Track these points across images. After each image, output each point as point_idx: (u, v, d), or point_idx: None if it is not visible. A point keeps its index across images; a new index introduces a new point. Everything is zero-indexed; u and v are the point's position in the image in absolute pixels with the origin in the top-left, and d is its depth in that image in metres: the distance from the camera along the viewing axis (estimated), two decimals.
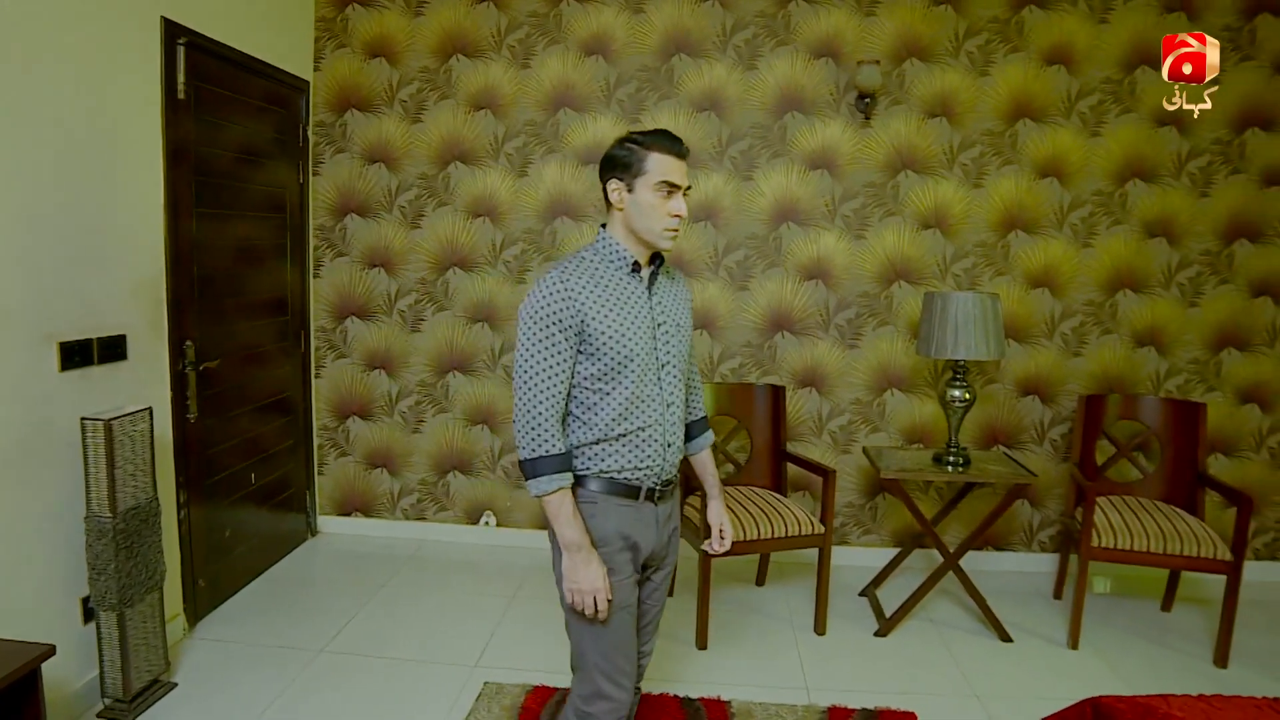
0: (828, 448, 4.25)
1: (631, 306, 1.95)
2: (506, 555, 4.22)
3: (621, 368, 1.92)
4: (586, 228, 4.14)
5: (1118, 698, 2.18)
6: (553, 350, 1.88)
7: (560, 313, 1.87)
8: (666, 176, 1.91)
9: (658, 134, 1.95)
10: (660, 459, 2.01)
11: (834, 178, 4.10)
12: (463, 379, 4.27)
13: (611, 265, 1.97)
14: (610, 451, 1.95)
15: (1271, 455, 4.18)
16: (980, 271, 4.13)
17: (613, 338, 1.90)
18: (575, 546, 1.90)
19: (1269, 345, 4.13)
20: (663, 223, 1.93)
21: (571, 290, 1.88)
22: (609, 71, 4.06)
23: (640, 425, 1.96)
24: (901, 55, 4.01)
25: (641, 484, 1.99)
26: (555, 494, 1.90)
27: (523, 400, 1.91)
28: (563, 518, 1.90)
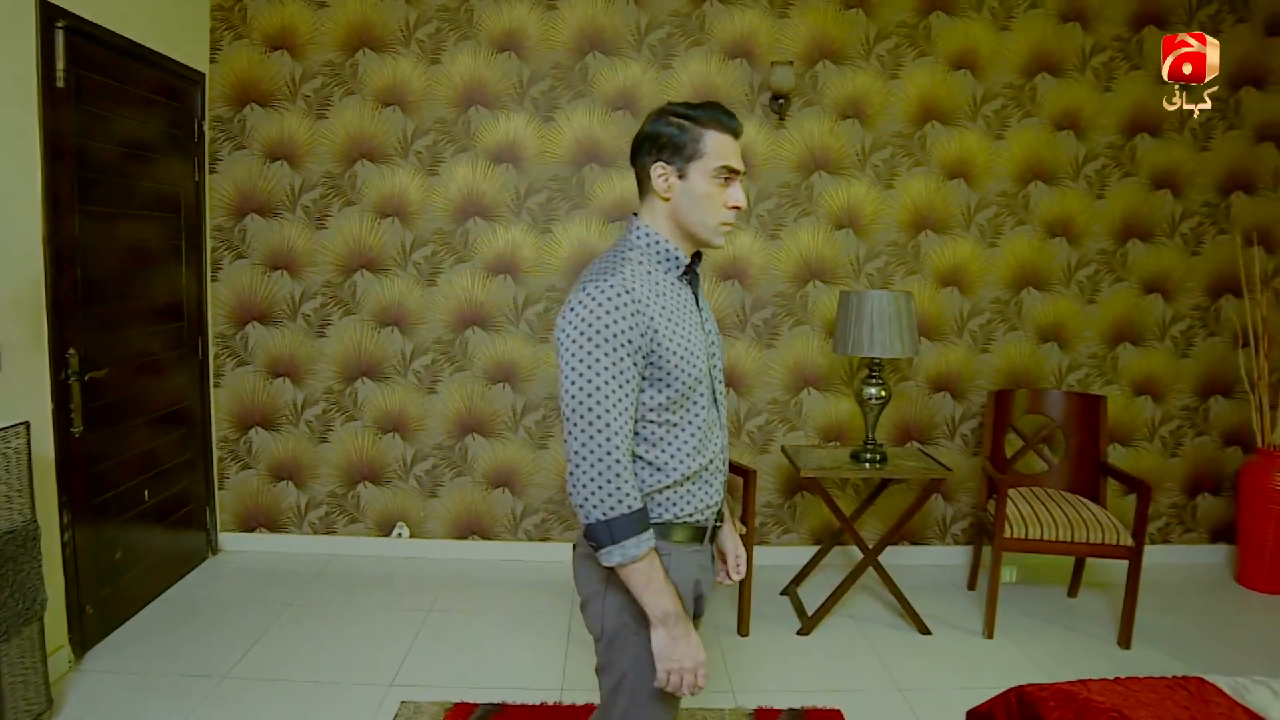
0: (746, 448, 4.25)
1: (688, 318, 1.64)
2: (421, 567, 4.08)
3: (691, 392, 1.62)
4: (500, 228, 4.04)
5: (1040, 686, 2.22)
6: (622, 377, 1.51)
7: (631, 330, 1.51)
8: (726, 160, 1.61)
9: (711, 108, 1.63)
10: (722, 491, 1.76)
11: (749, 178, 4.10)
12: (372, 385, 4.11)
13: (661, 267, 1.65)
14: (684, 494, 1.65)
15: (1164, 444, 4.38)
16: (892, 271, 4.21)
17: (683, 357, 1.58)
18: (675, 617, 1.55)
19: (1160, 340, 4.32)
20: (719, 215, 1.63)
21: (638, 298, 1.53)
22: (522, 68, 3.98)
23: (710, 458, 1.68)
24: (814, 57, 4.05)
25: (708, 523, 1.72)
26: (645, 559, 1.53)
27: (591, 445, 1.50)
28: (655, 585, 1.54)
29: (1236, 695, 2.17)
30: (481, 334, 4.10)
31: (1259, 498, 4.06)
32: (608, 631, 1.67)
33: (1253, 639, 3.70)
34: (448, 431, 4.15)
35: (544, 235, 4.06)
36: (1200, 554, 4.45)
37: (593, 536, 1.54)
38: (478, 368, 4.12)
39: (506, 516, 4.21)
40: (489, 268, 4.07)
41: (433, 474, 4.17)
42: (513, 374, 4.13)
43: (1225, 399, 4.38)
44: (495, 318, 4.10)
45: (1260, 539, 4.08)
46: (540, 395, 4.14)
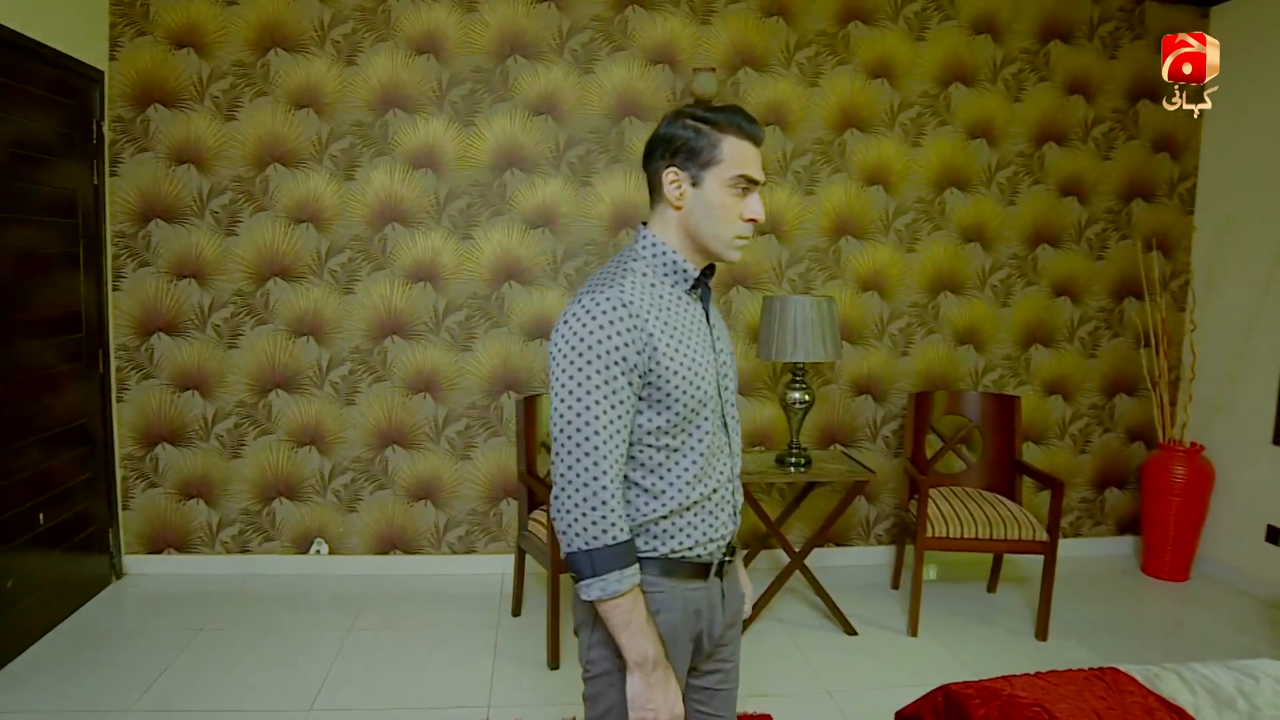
0: None
1: (696, 336, 1.53)
2: (341, 584, 3.94)
3: (695, 416, 1.49)
4: (420, 235, 3.94)
5: (965, 684, 2.27)
6: (615, 398, 1.40)
7: (626, 347, 1.40)
8: (745, 169, 1.48)
9: (730, 112, 1.50)
10: (730, 524, 1.60)
11: None
12: (287, 398, 3.96)
13: (668, 280, 1.53)
14: (682, 525, 1.51)
15: (1074, 442, 4.54)
16: (814, 276, 4.26)
17: (685, 378, 1.46)
18: (653, 662, 1.43)
19: (1069, 341, 4.48)
20: (734, 228, 1.51)
21: (636, 313, 1.42)
22: (441, 71, 3.89)
23: (714, 487, 1.55)
24: (736, 64, 4.07)
25: (713, 559, 1.57)
26: (626, 596, 1.41)
27: (577, 468, 1.39)
28: (635, 625, 1.42)
29: (1149, 684, 2.26)
30: (401, 343, 3.99)
31: (1161, 490, 4.24)
32: (593, 667, 1.56)
33: (1158, 626, 3.87)
34: (367, 444, 4.03)
35: (465, 242, 3.98)
36: (1108, 546, 4.63)
37: (573, 566, 1.43)
38: (398, 378, 4.01)
39: (429, 530, 4.11)
40: (408, 275, 3.97)
41: (352, 488, 4.04)
42: (434, 384, 4.03)
43: (1129, 397, 4.56)
44: (415, 326, 4.00)
45: (1162, 530, 4.26)
46: (462, 405, 4.05)
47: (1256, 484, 4.13)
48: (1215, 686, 2.27)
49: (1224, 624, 3.82)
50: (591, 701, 1.59)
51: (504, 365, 4.07)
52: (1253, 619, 3.87)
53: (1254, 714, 2.14)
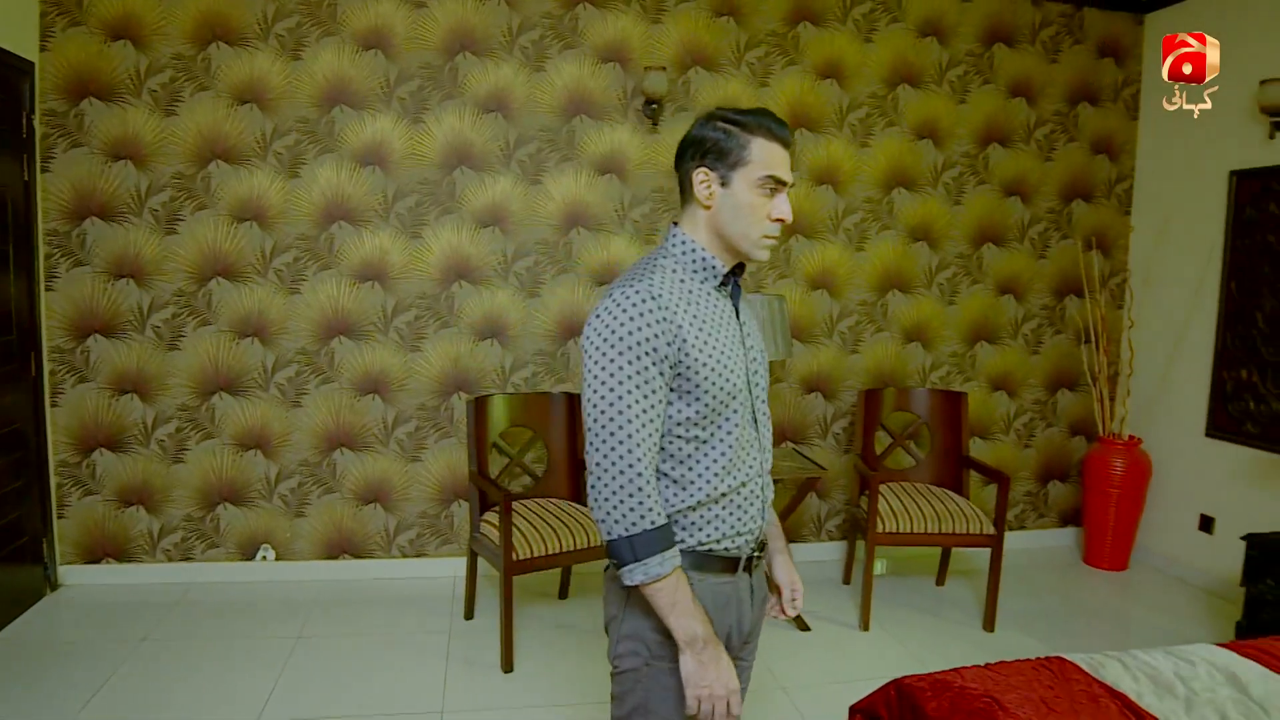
0: None
1: (725, 330, 1.56)
2: (289, 590, 3.85)
3: (723, 409, 1.53)
4: (367, 233, 3.87)
5: (918, 677, 2.29)
6: (647, 387, 1.45)
7: (656, 338, 1.44)
8: (773, 170, 1.51)
9: (760, 114, 1.54)
10: (760, 519, 1.63)
11: (623, 182, 4.09)
12: (231, 400, 3.86)
13: (697, 277, 1.56)
14: (710, 518, 1.55)
15: (1018, 436, 4.65)
16: (765, 274, 4.28)
17: (715, 370, 1.49)
18: (703, 640, 1.46)
19: (1013, 338, 4.58)
20: (762, 228, 1.54)
21: (666, 305, 1.46)
22: (389, 67, 3.83)
23: (743, 480, 1.57)
24: (687, 63, 4.08)
25: (741, 553, 1.60)
26: (670, 578, 1.45)
27: (613, 457, 1.44)
28: (682, 606, 1.46)
29: (1093, 672, 2.32)
30: (349, 343, 3.92)
31: (1101, 483, 4.36)
32: (621, 662, 1.59)
33: (1099, 614, 3.98)
34: (314, 447, 3.95)
35: (414, 240, 3.92)
36: (1051, 537, 4.75)
37: (614, 554, 1.46)
38: (345, 379, 3.94)
39: (379, 533, 4.05)
40: (356, 274, 3.90)
41: (299, 492, 3.96)
42: (383, 384, 3.97)
43: (1071, 392, 4.68)
44: (363, 326, 3.93)
45: (1103, 521, 4.39)
46: (412, 406, 4.00)
47: (1190, 475, 4.27)
48: (1156, 672, 2.34)
49: (1161, 611, 3.94)
50: (618, 700, 1.61)
51: (454, 366, 4.02)
52: (1188, 605, 4.00)
53: (1191, 697, 2.21)
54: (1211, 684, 2.29)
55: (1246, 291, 3.98)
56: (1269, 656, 2.44)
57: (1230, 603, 3.88)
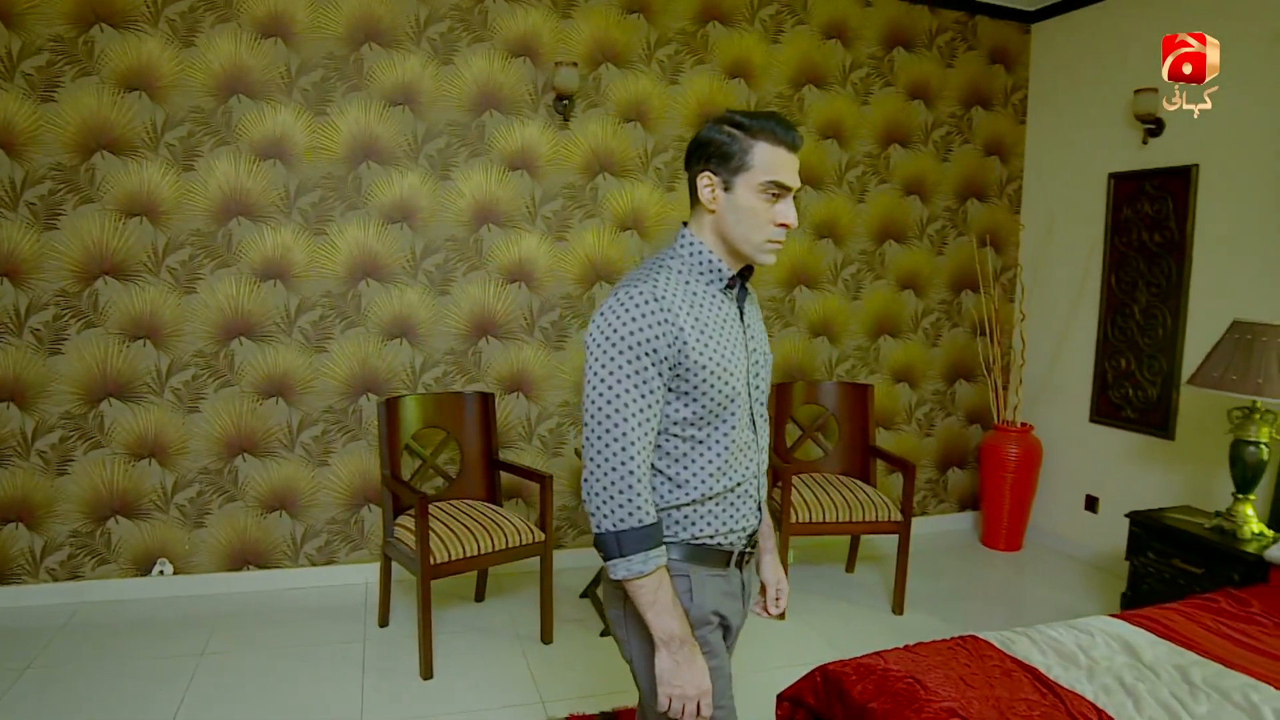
0: (539, 452, 4.21)
1: (728, 333, 1.57)
2: (190, 606, 3.66)
3: (722, 411, 1.55)
4: (269, 230, 3.71)
5: (841, 662, 2.37)
6: (645, 386, 1.47)
7: (656, 338, 1.46)
8: (775, 175, 1.50)
9: (766, 118, 1.52)
10: (754, 517, 1.66)
11: (534, 179, 4.05)
12: (121, 407, 3.63)
13: (703, 279, 1.57)
14: (704, 513, 1.58)
15: (919, 426, 4.83)
16: None
17: (714, 372, 1.51)
18: (679, 640, 1.49)
19: (913, 332, 4.76)
20: (765, 233, 1.53)
21: (669, 308, 1.47)
22: (290, 56, 3.67)
23: (738, 481, 1.61)
24: (597, 59, 4.06)
25: (734, 548, 1.63)
26: (652, 575, 1.48)
27: (606, 454, 1.47)
28: (661, 604, 1.49)
29: (1005, 648, 2.44)
30: (250, 345, 3.75)
31: (996, 468, 4.58)
32: (627, 647, 1.64)
33: (999, 593, 4.19)
34: (214, 453, 3.76)
35: (318, 237, 3.78)
36: (951, 522, 4.96)
37: (601, 546, 1.49)
38: (247, 382, 3.76)
39: (285, 542, 3.89)
40: (256, 272, 3.72)
41: (198, 501, 3.76)
42: (287, 387, 3.81)
43: (968, 382, 4.90)
44: (265, 327, 3.76)
45: (998, 504, 4.61)
46: (318, 408, 3.85)
47: (1076, 458, 4.53)
48: (1060, 645, 2.49)
49: (1054, 587, 4.17)
50: (641, 677, 1.64)
51: (362, 366, 3.90)
52: (1078, 581, 4.25)
53: (1092, 666, 2.37)
54: (1109, 652, 2.46)
55: (1124, 286, 4.25)
56: (1155, 623, 2.64)
57: (1115, 576, 4.14)
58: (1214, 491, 3.76)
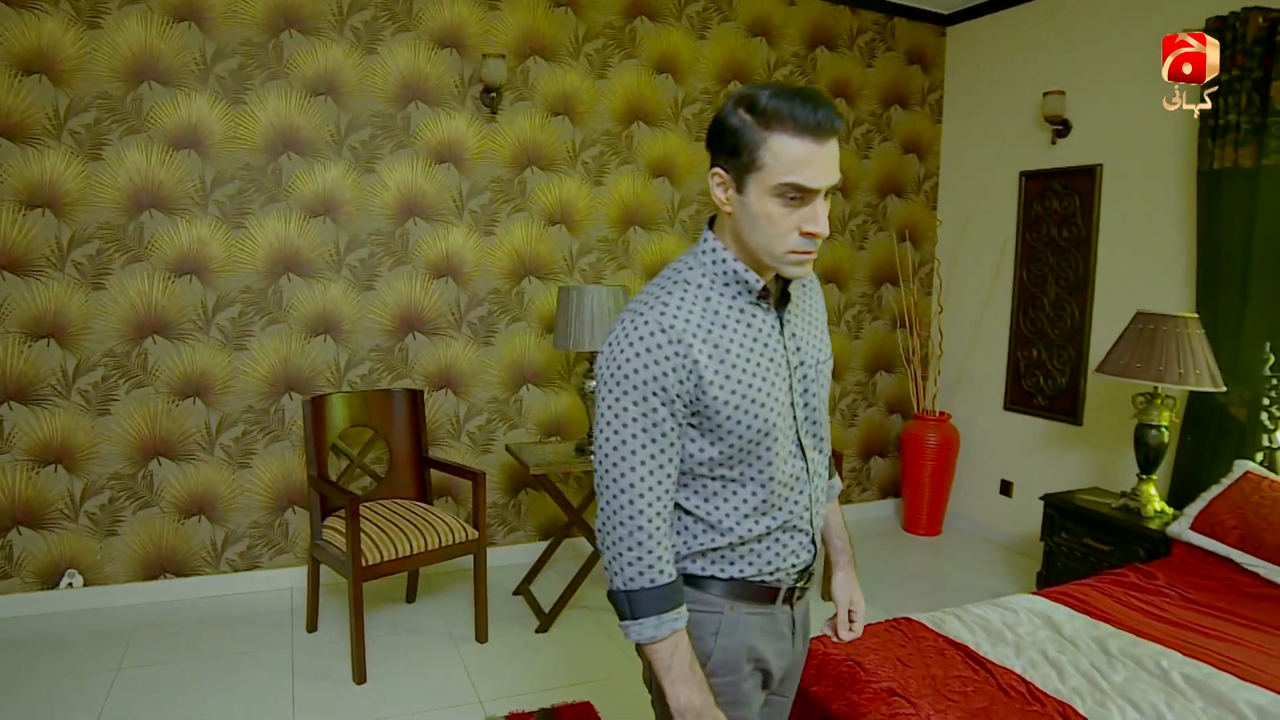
0: (468, 449, 4.15)
1: (762, 351, 1.32)
2: (103, 619, 3.48)
3: (755, 447, 1.32)
4: (184, 223, 3.55)
5: None
6: (656, 431, 1.27)
7: (665, 376, 1.25)
8: (793, 176, 1.20)
9: (788, 97, 1.20)
10: (809, 552, 1.44)
11: (461, 172, 3.99)
12: (24, 410, 3.42)
13: (729, 291, 1.32)
14: (745, 554, 1.37)
15: (843, 416, 4.96)
16: (604, 266, 4.32)
17: (740, 407, 1.29)
18: (696, 712, 1.29)
19: (837, 324, 4.87)
20: (786, 243, 1.25)
21: (679, 338, 1.26)
22: (204, 42, 3.51)
23: (786, 519, 1.38)
24: (525, 52, 4.02)
25: (781, 584, 1.42)
26: (666, 641, 1.30)
27: (614, 505, 1.29)
28: (677, 671, 1.29)
29: (937, 628, 2.54)
30: (164, 343, 3.58)
31: (916, 456, 4.74)
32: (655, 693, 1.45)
33: (921, 576, 4.34)
34: (127, 458, 3.58)
35: (236, 231, 3.64)
36: (875, 509, 5.11)
37: (614, 604, 1.33)
38: (161, 382, 3.59)
39: (205, 548, 3.73)
40: (171, 268, 3.56)
41: (110, 509, 3.58)
42: (205, 387, 3.66)
43: (888, 374, 5.05)
44: (180, 324, 3.60)
45: (918, 491, 4.77)
46: (239, 408, 3.71)
47: (992, 445, 4.72)
48: (988, 623, 2.59)
49: (975, 569, 4.34)
50: None
51: (284, 364, 3.77)
52: (996, 562, 4.43)
53: (1019, 641, 2.49)
54: (1033, 628, 2.58)
55: (1035, 279, 4.45)
56: (1072, 599, 2.78)
57: (1030, 556, 4.33)
58: (1119, 473, 3.97)
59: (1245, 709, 2.09)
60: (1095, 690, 2.21)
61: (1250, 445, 3.38)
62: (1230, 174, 3.43)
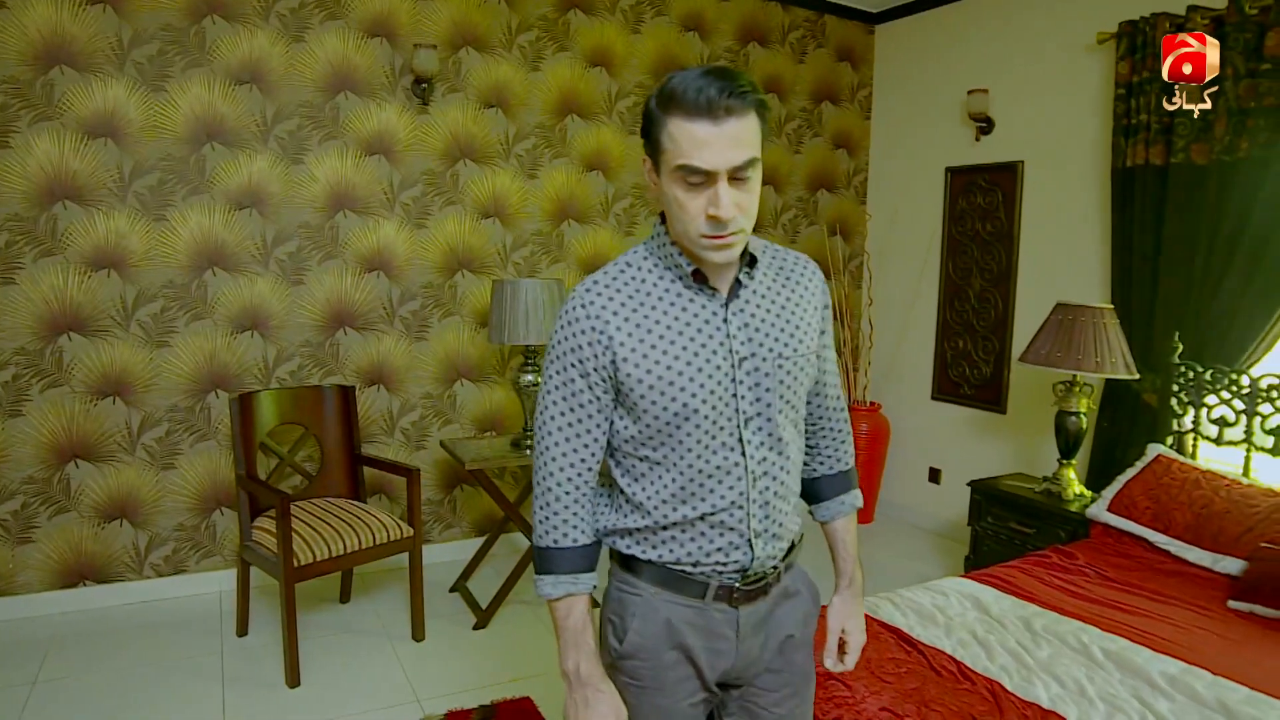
0: (402, 446, 4.09)
1: (694, 336, 1.31)
2: (17, 630, 3.31)
3: (674, 431, 1.31)
4: (100, 215, 3.41)
5: None
6: (573, 401, 1.33)
7: (581, 349, 1.30)
8: (685, 159, 1.19)
9: (686, 81, 1.19)
10: (743, 553, 1.36)
11: (392, 164, 3.92)
12: None
13: (667, 275, 1.33)
14: (666, 539, 1.36)
15: None
16: (538, 259, 4.29)
17: (655, 387, 1.29)
18: (579, 679, 1.35)
19: None
20: (697, 227, 1.23)
21: (597, 314, 1.30)
22: (120, 26, 3.37)
23: (706, 512, 1.34)
24: (458, 43, 3.97)
25: (709, 581, 1.37)
26: (559, 602, 1.36)
27: (537, 469, 1.37)
28: (567, 635, 1.36)
29: (871, 612, 2.61)
30: (81, 340, 3.44)
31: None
32: None
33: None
34: (41, 461, 3.42)
35: (157, 223, 3.51)
36: None
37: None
38: (78, 381, 3.45)
39: (127, 553, 3.60)
40: (87, 262, 3.41)
41: (24, 515, 3.41)
42: (125, 386, 3.52)
43: None
44: (98, 320, 3.45)
45: None
46: (161, 408, 3.59)
47: (920, 434, 4.85)
48: (919, 606, 2.67)
49: (905, 554, 4.45)
50: None
51: (210, 361, 3.66)
52: (926, 547, 4.56)
53: (949, 623, 2.57)
54: (962, 610, 2.66)
55: (961, 272, 4.58)
56: (999, 581, 2.88)
57: (958, 541, 4.47)
58: (1042, 458, 4.12)
59: (1158, 678, 2.20)
60: (1021, 667, 2.29)
61: (1161, 430, 3.54)
62: (1141, 171, 3.59)
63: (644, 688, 1.40)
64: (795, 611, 1.49)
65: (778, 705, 1.49)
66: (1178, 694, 2.14)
